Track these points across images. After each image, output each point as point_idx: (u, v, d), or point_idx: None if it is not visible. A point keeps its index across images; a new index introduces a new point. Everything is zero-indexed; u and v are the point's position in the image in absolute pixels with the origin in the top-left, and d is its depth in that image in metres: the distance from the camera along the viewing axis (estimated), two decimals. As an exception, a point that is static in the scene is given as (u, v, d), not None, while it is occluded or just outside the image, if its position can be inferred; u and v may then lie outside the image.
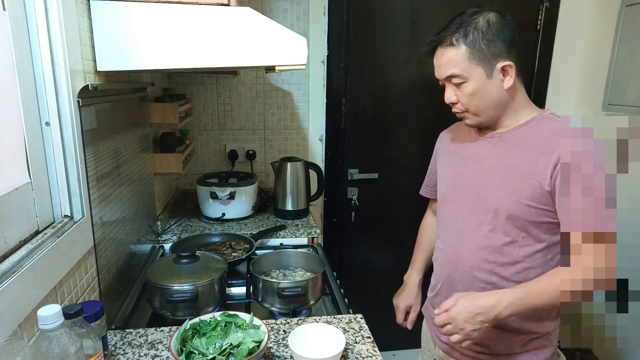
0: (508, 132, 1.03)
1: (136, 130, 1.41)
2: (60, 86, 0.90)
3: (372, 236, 2.40)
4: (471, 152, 1.10)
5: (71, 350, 0.69)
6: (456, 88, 1.01)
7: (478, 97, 1.00)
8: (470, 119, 1.05)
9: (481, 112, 1.02)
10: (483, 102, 1.01)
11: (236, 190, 1.82)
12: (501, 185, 1.00)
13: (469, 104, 1.02)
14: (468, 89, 1.00)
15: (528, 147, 0.98)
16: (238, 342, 0.89)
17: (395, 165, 2.33)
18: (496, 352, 1.06)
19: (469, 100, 1.01)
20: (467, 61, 0.97)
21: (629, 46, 1.98)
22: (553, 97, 2.30)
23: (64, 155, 0.92)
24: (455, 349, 1.11)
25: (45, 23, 0.86)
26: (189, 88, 2.14)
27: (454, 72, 0.99)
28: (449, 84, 1.03)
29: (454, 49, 0.98)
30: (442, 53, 1.00)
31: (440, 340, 1.17)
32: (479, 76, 0.98)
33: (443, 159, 1.21)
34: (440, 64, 1.02)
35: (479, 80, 0.98)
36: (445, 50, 1.00)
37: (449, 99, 1.04)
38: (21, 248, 0.78)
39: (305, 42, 1.00)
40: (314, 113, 2.24)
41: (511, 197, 0.98)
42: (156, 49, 0.98)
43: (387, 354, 2.50)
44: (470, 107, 1.02)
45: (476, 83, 0.99)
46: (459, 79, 0.99)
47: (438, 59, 1.02)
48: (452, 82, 1.01)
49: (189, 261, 1.18)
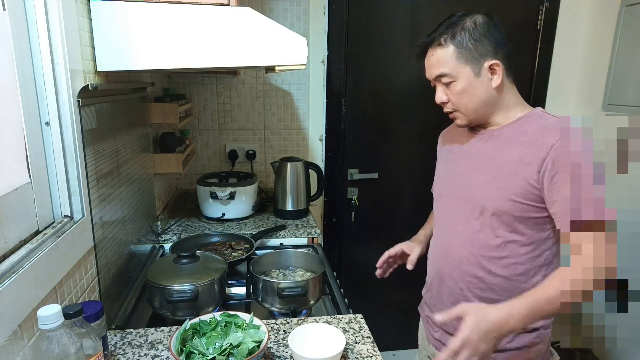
0: (499, 129, 1.06)
1: (136, 130, 1.41)
2: (60, 86, 0.90)
3: (372, 236, 2.40)
4: (464, 149, 1.13)
5: (71, 350, 0.69)
6: (446, 87, 1.04)
7: (467, 96, 1.02)
8: (460, 119, 1.07)
9: (470, 111, 1.04)
10: (472, 101, 1.03)
11: (236, 190, 1.82)
12: (489, 182, 1.02)
13: (458, 103, 1.04)
14: (457, 88, 1.02)
15: (516, 144, 1.00)
16: (238, 342, 0.89)
17: (395, 165, 2.33)
18: None
19: (458, 99, 1.03)
20: (455, 60, 1.00)
21: (629, 46, 1.98)
22: (553, 97, 2.30)
23: (64, 155, 0.93)
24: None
25: (45, 23, 0.86)
26: (189, 88, 2.14)
27: (443, 72, 1.02)
28: (439, 84, 1.05)
29: (442, 49, 1.01)
30: (432, 54, 1.03)
31: (433, 337, 1.19)
32: (467, 75, 1.00)
33: (440, 157, 1.25)
34: (430, 64, 1.05)
35: (467, 79, 1.01)
36: (434, 50, 1.03)
37: (440, 99, 1.06)
38: (21, 248, 0.78)
39: (305, 42, 1.00)
40: (314, 113, 2.24)
41: (498, 193, 1.00)
42: (156, 49, 0.98)
43: (387, 354, 2.50)
44: (459, 106, 1.04)
45: (465, 82, 1.01)
46: (448, 78, 1.02)
47: (428, 60, 1.05)
48: (442, 82, 1.04)
49: (189, 261, 1.18)
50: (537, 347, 1.06)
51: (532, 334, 1.05)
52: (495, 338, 0.85)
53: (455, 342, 0.85)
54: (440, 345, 1.16)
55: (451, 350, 0.85)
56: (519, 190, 0.97)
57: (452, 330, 1.11)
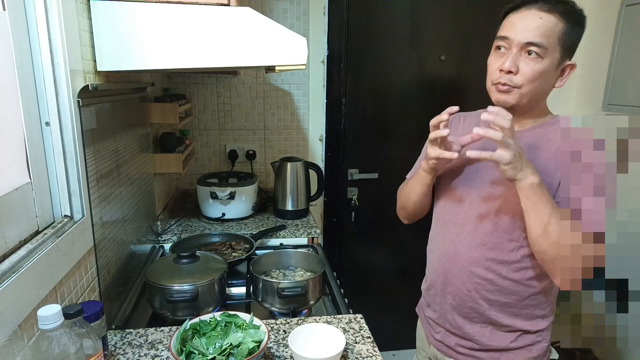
0: (519, 132, 1.02)
1: (136, 130, 1.41)
2: (60, 86, 0.90)
3: (372, 236, 2.40)
4: (476, 147, 1.09)
5: (71, 350, 0.69)
6: (524, 59, 0.93)
7: (541, 80, 0.93)
8: (513, 96, 0.95)
9: (530, 95, 0.95)
10: (542, 86, 0.95)
11: (236, 190, 1.82)
12: (507, 183, 0.99)
13: (527, 82, 0.93)
14: (538, 66, 0.92)
15: (540, 149, 0.98)
16: (238, 342, 0.89)
17: (395, 165, 2.32)
18: (489, 347, 1.06)
19: (532, 77, 0.92)
20: (556, 38, 0.91)
21: (629, 46, 1.98)
22: (553, 97, 2.25)
23: (64, 155, 0.93)
24: (450, 347, 1.12)
25: (45, 23, 0.86)
26: (189, 88, 2.14)
27: (541, 42, 0.90)
28: (518, 51, 0.93)
29: (555, 19, 0.91)
30: (540, 16, 0.91)
31: (434, 339, 1.17)
32: (553, 60, 0.93)
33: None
34: (532, 27, 0.91)
35: (552, 64, 0.93)
36: (544, 14, 0.91)
37: (509, 67, 0.93)
38: (21, 248, 0.78)
39: (305, 42, 1.00)
40: (314, 113, 2.24)
41: (518, 196, 0.97)
42: (156, 49, 0.98)
43: (387, 354, 2.50)
44: (526, 85, 0.94)
45: (549, 65, 0.92)
46: (539, 51, 0.91)
47: (530, 19, 0.92)
48: (527, 50, 0.92)
49: (189, 261, 1.18)
50: (540, 345, 1.06)
51: (534, 335, 1.05)
52: (521, 158, 0.87)
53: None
54: (442, 345, 1.14)
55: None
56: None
57: (454, 331, 1.11)
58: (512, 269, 1.01)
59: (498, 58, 0.97)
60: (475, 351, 1.09)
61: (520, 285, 1.01)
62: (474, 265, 1.04)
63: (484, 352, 1.08)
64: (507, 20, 0.97)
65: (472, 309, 1.06)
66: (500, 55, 0.97)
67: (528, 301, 1.02)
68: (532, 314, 1.04)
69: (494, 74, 0.98)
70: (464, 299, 1.06)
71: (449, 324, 1.12)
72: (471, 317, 1.07)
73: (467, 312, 1.07)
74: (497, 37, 0.98)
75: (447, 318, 1.12)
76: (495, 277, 1.02)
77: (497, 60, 0.97)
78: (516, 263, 1.00)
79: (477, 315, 1.06)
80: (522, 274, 1.01)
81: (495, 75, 0.97)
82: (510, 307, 1.03)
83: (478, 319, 1.06)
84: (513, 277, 1.01)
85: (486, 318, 1.05)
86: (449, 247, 1.10)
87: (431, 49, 2.21)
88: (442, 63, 2.24)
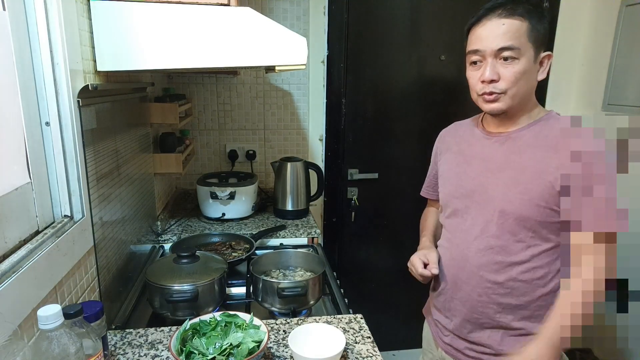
0: (516, 131, 1.02)
1: (136, 130, 1.41)
2: (60, 86, 0.90)
3: (372, 236, 2.40)
4: (476, 151, 1.09)
5: (71, 350, 0.69)
6: (502, 65, 0.95)
7: (524, 79, 0.95)
8: (502, 103, 0.98)
9: (518, 97, 0.97)
10: (525, 86, 0.96)
11: (236, 190, 1.82)
12: (510, 185, 0.99)
13: (512, 85, 0.95)
14: (517, 68, 0.94)
15: (539, 147, 0.98)
16: (238, 342, 0.89)
17: (395, 165, 2.33)
18: (499, 352, 1.06)
19: (514, 79, 0.94)
20: (525, 37, 0.93)
21: (629, 46, 1.98)
22: (553, 97, 2.30)
23: (64, 155, 0.93)
24: (459, 350, 1.11)
25: (45, 23, 0.86)
26: (189, 88, 2.14)
27: (513, 45, 0.93)
28: (495, 58, 0.95)
29: (517, 21, 0.93)
30: (502, 22, 0.94)
31: (443, 342, 1.16)
32: (529, 57, 0.94)
33: (446, 159, 1.19)
34: (498, 33, 0.94)
35: (529, 61, 0.94)
36: (506, 20, 0.94)
37: (490, 75, 0.95)
38: (21, 248, 0.78)
39: (305, 42, 1.00)
40: (314, 113, 2.24)
41: (521, 197, 0.97)
42: (156, 49, 0.98)
43: (387, 354, 2.50)
44: (511, 88, 0.96)
45: (526, 63, 0.94)
46: (513, 54, 0.93)
47: (494, 28, 0.95)
48: (502, 56, 0.94)
49: (189, 261, 1.18)
50: None
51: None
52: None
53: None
54: (451, 349, 1.13)
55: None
56: (544, 194, 0.95)
57: (464, 337, 1.10)
58: (521, 270, 1.00)
59: (476, 71, 1.00)
60: (485, 355, 1.08)
61: (531, 286, 1.01)
62: (482, 269, 1.04)
63: (494, 356, 1.07)
64: (472, 34, 1.00)
65: (482, 314, 1.05)
66: (478, 68, 1.00)
67: (539, 302, 1.02)
68: (543, 315, 1.02)
69: (477, 86, 1.00)
70: (475, 305, 1.06)
71: (459, 330, 1.11)
72: (482, 323, 1.06)
73: (477, 318, 1.06)
74: (469, 52, 1.01)
75: (456, 324, 1.11)
76: (505, 279, 1.02)
77: (476, 73, 1.00)
78: (525, 263, 1.00)
79: (487, 321, 1.05)
80: (532, 274, 1.00)
81: (478, 87, 1.00)
82: (521, 309, 1.02)
83: (489, 324, 1.06)
84: (523, 278, 1.00)
85: (497, 322, 1.04)
86: (456, 254, 1.10)
87: (431, 49, 2.21)
88: (442, 63, 2.24)
